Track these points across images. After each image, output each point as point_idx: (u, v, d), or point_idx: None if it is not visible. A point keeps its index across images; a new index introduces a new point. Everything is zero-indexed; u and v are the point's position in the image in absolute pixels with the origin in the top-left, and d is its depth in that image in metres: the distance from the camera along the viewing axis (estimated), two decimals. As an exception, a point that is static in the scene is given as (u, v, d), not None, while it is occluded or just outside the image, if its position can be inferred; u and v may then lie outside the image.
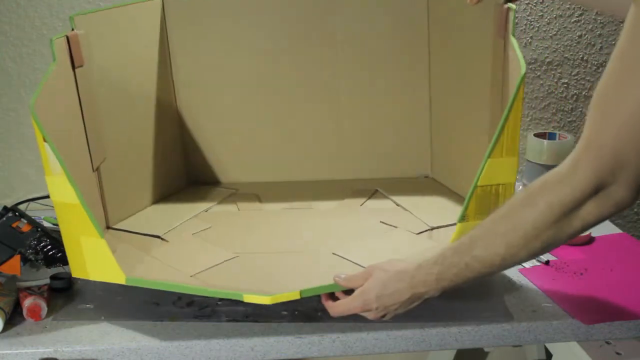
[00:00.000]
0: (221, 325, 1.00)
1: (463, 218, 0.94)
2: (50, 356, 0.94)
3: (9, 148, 1.49)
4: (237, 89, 1.39)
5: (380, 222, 1.23)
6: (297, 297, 0.92)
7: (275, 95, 1.40)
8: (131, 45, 1.25)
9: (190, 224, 1.25)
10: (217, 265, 1.09)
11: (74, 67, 1.09)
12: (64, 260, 1.10)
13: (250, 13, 1.35)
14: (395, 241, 1.16)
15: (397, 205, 1.31)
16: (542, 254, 0.79)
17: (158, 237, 1.19)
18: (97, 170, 1.17)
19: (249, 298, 0.92)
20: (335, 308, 0.93)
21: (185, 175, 1.44)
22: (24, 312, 1.00)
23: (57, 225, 1.02)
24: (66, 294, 1.08)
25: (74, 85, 1.09)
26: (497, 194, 0.94)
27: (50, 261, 1.13)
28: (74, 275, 1.01)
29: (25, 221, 1.12)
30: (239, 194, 1.39)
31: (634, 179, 0.70)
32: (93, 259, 0.96)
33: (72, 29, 1.09)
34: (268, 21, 1.36)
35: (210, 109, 1.40)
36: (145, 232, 1.20)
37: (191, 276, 1.04)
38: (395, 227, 1.21)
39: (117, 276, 0.95)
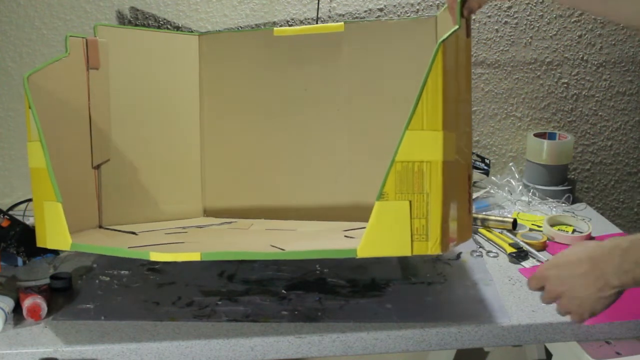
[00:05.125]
0: (221, 325, 1.00)
1: (381, 196, 0.88)
2: (50, 356, 0.94)
3: (9, 148, 1.49)
4: (256, 125, 1.35)
5: None
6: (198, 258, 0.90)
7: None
8: (159, 68, 1.29)
9: (170, 226, 1.24)
10: (164, 244, 1.07)
11: (88, 67, 1.17)
12: (45, 250, 1.13)
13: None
14: None
15: None
16: None
17: (133, 233, 1.18)
18: (97, 168, 1.20)
19: (155, 256, 0.91)
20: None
21: (202, 206, 1.37)
22: (24, 312, 1.00)
23: None
24: (66, 294, 1.08)
25: (86, 83, 1.17)
26: (422, 173, 0.87)
27: (31, 252, 1.16)
28: (38, 244, 1.01)
29: (5, 217, 1.14)
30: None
31: None
32: (51, 224, 0.97)
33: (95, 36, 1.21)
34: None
35: (232, 142, 1.36)
36: (122, 230, 1.20)
37: (134, 246, 0.99)
38: None
39: (65, 242, 0.94)
